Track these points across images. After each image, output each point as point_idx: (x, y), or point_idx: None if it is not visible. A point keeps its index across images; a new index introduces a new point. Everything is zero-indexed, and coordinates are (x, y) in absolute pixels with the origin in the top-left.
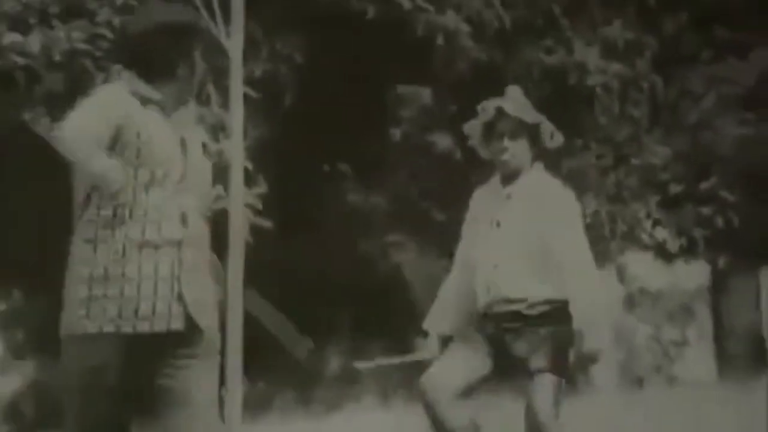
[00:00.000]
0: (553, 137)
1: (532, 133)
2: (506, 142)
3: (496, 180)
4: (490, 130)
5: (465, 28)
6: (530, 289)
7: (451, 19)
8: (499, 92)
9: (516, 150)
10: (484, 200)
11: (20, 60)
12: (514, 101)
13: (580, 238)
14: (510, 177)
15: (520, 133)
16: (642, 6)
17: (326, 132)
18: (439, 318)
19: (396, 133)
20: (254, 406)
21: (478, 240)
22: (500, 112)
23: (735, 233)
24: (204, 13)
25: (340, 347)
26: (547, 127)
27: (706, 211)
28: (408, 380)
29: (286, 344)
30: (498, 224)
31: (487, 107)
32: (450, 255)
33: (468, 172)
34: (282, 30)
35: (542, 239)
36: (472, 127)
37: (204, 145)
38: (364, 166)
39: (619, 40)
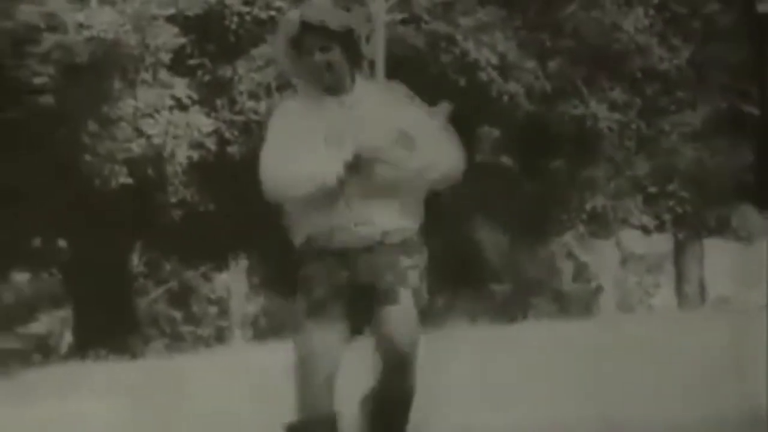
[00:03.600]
0: (368, 42)
1: (344, 41)
2: (318, 56)
3: (317, 93)
4: (297, 46)
5: (521, 91)
6: (397, 217)
7: (513, 86)
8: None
9: (332, 61)
10: (314, 113)
11: None
12: (318, 8)
13: (425, 118)
14: (335, 90)
15: (332, 42)
16: (633, 79)
17: None
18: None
19: (477, 156)
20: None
21: (337, 161)
22: (305, 24)
23: (689, 217)
24: None
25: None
26: (358, 29)
27: (671, 204)
28: None
29: None
30: (360, 148)
31: (291, 19)
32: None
33: (520, 178)
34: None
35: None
36: (277, 49)
37: None
38: None
39: (618, 100)
